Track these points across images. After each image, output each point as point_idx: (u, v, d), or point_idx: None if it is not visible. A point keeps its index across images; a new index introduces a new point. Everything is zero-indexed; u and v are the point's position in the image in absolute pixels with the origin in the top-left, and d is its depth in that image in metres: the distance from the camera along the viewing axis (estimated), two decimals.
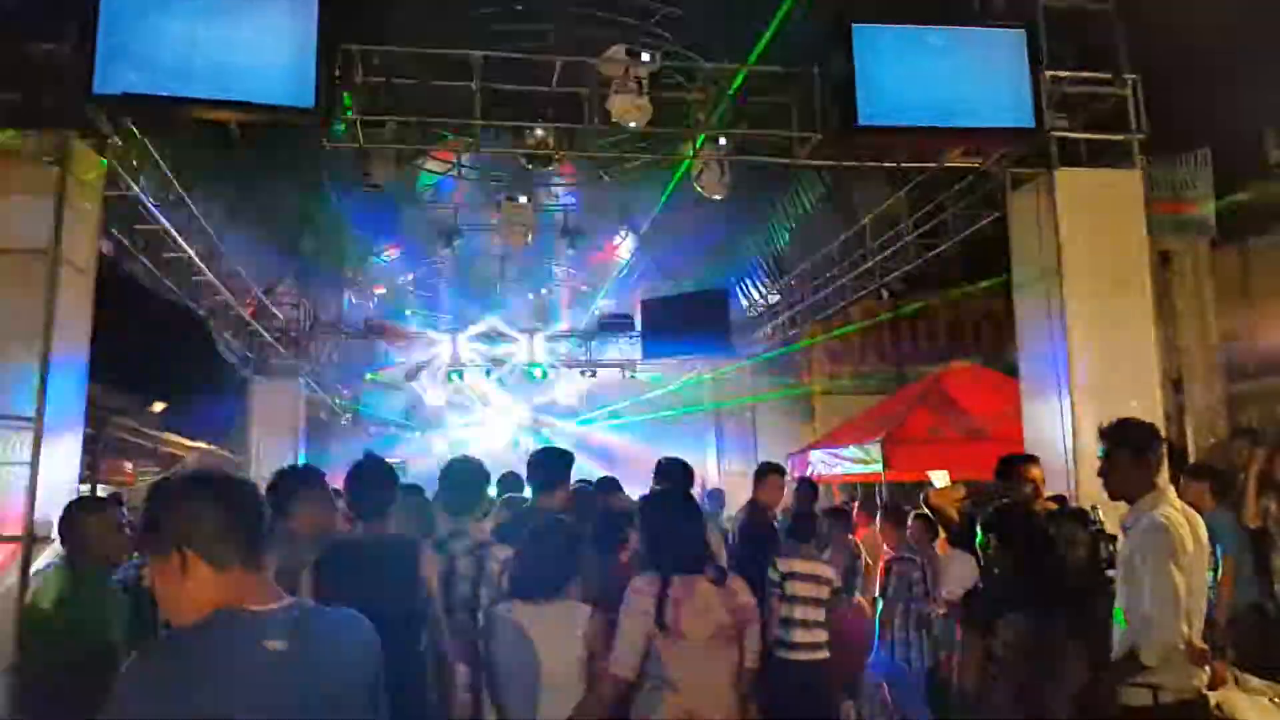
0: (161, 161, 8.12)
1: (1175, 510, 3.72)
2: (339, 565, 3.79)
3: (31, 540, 5.82)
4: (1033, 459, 5.43)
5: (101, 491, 12.57)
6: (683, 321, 14.76)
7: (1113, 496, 3.93)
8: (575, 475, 5.21)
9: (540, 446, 5.78)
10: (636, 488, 6.20)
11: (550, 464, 4.89)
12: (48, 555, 5.56)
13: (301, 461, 13.77)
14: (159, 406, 16.14)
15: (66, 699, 3.59)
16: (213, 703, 1.75)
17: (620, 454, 20.01)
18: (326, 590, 3.79)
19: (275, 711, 1.80)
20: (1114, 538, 4.64)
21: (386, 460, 4.35)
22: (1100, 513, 4.86)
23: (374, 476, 4.14)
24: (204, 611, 1.86)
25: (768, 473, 6.93)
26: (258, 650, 1.82)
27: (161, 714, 1.73)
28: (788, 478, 7.74)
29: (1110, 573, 4.33)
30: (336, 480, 4.32)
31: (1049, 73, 7.44)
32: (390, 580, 3.72)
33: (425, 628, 3.78)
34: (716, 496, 10.15)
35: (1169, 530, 3.59)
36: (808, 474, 10.39)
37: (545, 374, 16.66)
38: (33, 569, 5.59)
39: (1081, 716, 3.69)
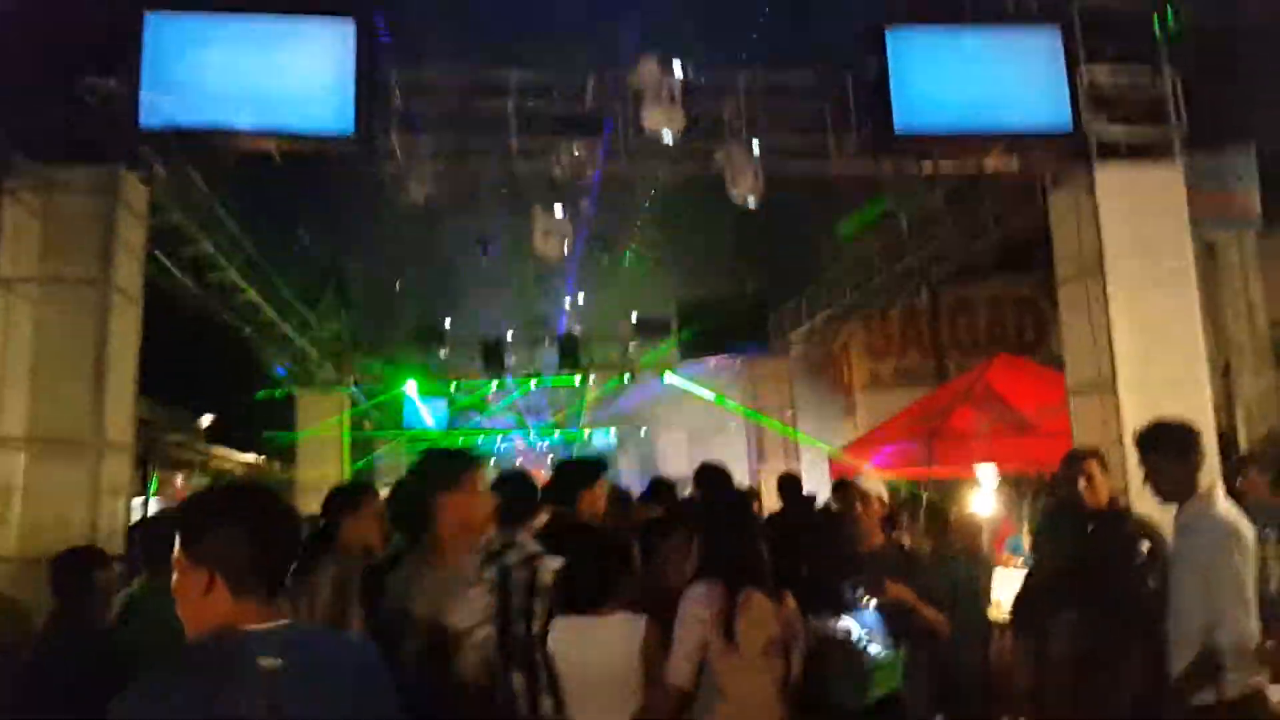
0: (204, 186, 8.27)
1: (1230, 507, 3.72)
2: (381, 581, 3.88)
3: None
4: (1088, 454, 5.36)
5: (154, 505, 12.87)
6: (719, 322, 14.77)
7: (1163, 500, 3.92)
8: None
9: (566, 458, 5.82)
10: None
11: (578, 473, 4.94)
12: None
13: (350, 472, 14.07)
14: (207, 420, 16.43)
15: None
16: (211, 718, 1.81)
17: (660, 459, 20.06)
18: (372, 606, 3.88)
19: None
20: (1152, 537, 4.61)
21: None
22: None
23: (416, 494, 4.22)
24: (208, 627, 1.92)
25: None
26: (252, 669, 1.86)
27: None
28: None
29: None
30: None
31: (1086, 71, 7.35)
32: None
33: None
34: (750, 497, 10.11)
35: (1233, 527, 3.58)
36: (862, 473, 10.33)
37: (584, 380, 16.71)
38: None
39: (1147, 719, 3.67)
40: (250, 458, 17.15)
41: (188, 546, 1.98)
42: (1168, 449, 3.85)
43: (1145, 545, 4.55)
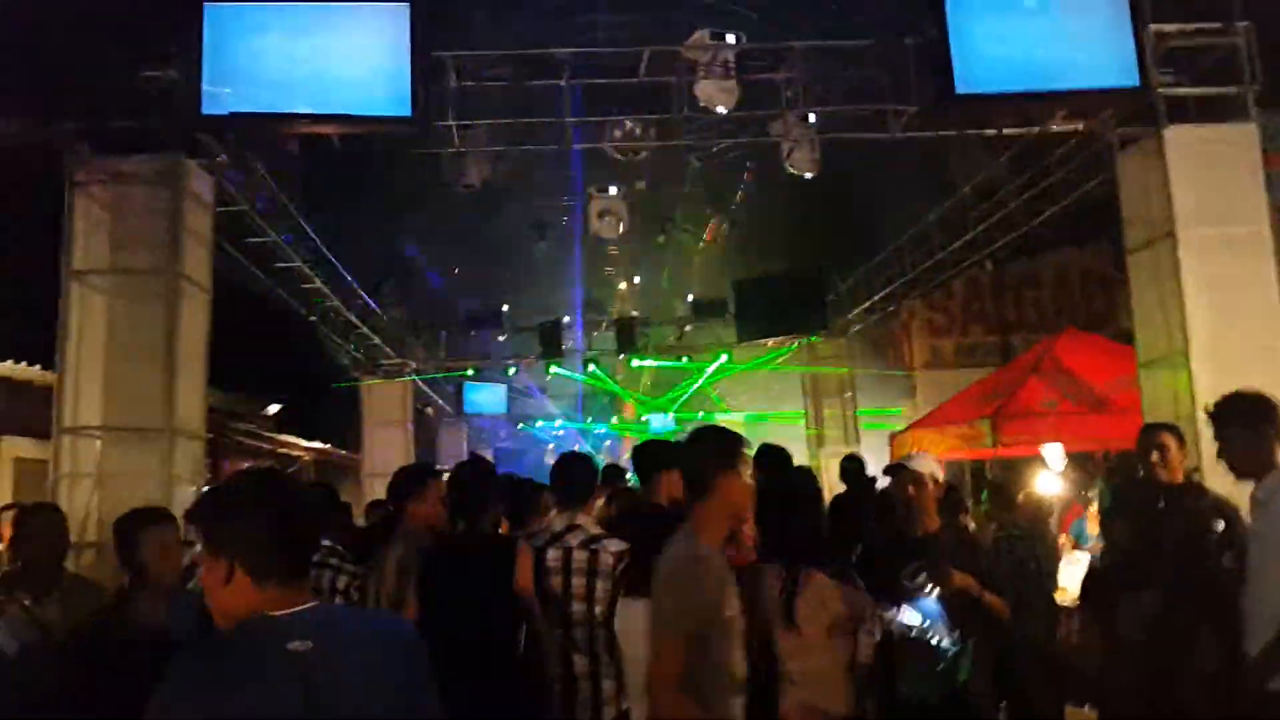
0: (267, 175, 8.40)
1: None
2: (440, 564, 3.97)
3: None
4: (1164, 428, 5.19)
5: None
6: (776, 302, 14.59)
7: (1238, 476, 3.77)
8: None
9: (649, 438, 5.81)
10: None
11: (659, 454, 4.90)
12: None
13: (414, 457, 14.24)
14: (274, 409, 16.70)
15: None
16: (242, 708, 1.83)
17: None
18: (428, 588, 3.94)
19: (303, 711, 1.85)
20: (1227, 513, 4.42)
21: (487, 460, 4.47)
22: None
23: (474, 477, 4.28)
24: (236, 617, 1.94)
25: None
26: (282, 653, 1.87)
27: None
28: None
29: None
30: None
31: (1153, 27, 7.13)
32: (486, 578, 3.86)
33: (522, 624, 3.89)
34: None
35: None
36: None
37: (642, 361, 16.67)
38: None
39: (1221, 702, 3.55)
40: (317, 445, 17.42)
41: (207, 539, 2.01)
42: (1243, 421, 3.70)
43: (1220, 522, 4.37)
